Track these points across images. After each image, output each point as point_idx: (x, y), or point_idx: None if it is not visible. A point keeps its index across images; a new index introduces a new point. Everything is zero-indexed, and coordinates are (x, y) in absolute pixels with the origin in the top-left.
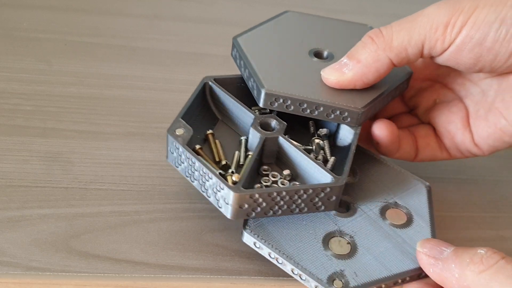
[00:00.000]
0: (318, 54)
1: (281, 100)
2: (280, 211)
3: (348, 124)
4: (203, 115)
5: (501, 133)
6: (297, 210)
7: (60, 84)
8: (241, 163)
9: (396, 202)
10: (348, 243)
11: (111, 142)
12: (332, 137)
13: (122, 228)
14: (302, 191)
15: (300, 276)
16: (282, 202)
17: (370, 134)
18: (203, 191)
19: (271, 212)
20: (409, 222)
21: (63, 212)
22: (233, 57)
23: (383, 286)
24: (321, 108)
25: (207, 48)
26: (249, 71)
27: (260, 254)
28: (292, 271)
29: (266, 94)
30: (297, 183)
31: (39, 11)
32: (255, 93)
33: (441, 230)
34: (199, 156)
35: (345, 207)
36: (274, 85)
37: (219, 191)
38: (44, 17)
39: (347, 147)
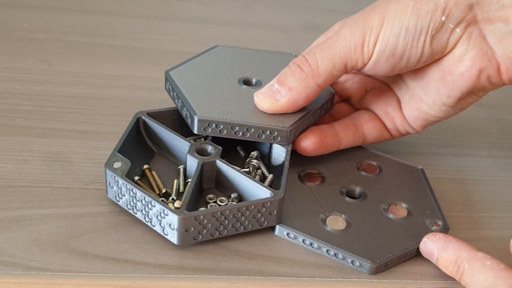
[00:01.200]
0: (247, 82)
1: (214, 125)
2: (225, 231)
3: (279, 143)
4: (139, 149)
5: (425, 115)
6: (242, 228)
7: (60, 84)
8: (181, 190)
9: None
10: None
11: (111, 142)
12: (266, 157)
13: (122, 228)
14: (244, 208)
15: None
16: (227, 222)
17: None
18: (147, 221)
19: (217, 233)
20: (380, 170)
21: (63, 212)
22: (166, 90)
23: None
24: (252, 130)
25: (207, 48)
26: (182, 101)
27: (260, 254)
28: (327, 252)
29: (199, 120)
30: None
31: (39, 11)
32: (189, 121)
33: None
34: (139, 186)
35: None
36: (206, 112)
37: (163, 217)
38: (44, 17)
39: (281, 165)
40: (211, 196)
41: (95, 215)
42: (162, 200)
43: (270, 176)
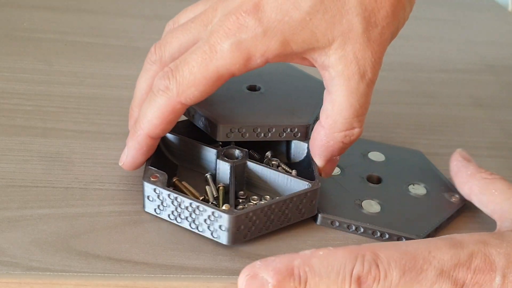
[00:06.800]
0: (252, 88)
1: (237, 130)
2: (271, 226)
3: (299, 139)
4: (162, 164)
5: None
6: (286, 221)
7: (60, 84)
8: (215, 195)
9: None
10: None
11: (111, 142)
12: (282, 156)
13: (122, 228)
14: (288, 201)
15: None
16: (272, 216)
17: None
18: (193, 228)
19: (264, 229)
20: (386, 157)
21: (63, 212)
22: None
23: None
24: (274, 129)
25: None
26: (198, 112)
27: (261, 254)
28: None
29: (222, 127)
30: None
31: (39, 11)
32: (209, 130)
33: (441, 230)
34: (185, 194)
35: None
36: (226, 118)
37: (213, 220)
38: (44, 17)
39: (303, 161)
40: (241, 192)
41: (95, 215)
42: (212, 203)
43: (293, 172)
